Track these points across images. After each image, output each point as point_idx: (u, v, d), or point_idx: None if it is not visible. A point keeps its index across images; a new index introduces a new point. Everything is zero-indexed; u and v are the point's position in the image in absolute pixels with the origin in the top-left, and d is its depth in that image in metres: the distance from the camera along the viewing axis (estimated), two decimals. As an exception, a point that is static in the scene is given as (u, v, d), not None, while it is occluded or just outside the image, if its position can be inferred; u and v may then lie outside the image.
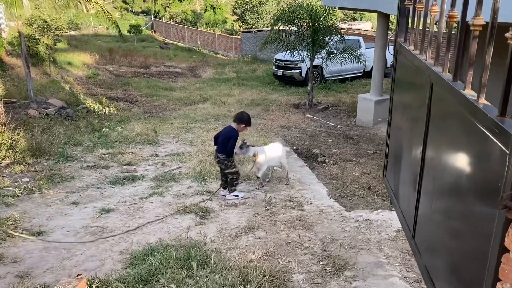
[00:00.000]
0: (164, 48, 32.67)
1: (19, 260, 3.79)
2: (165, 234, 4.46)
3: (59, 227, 4.57)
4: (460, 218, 2.01)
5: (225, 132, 5.59)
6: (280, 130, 10.48)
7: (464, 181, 1.93)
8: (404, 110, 3.44)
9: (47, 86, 13.74)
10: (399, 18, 3.68)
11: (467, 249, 1.83)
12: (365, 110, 11.15)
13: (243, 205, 5.36)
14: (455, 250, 2.04)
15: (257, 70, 23.42)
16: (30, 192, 5.59)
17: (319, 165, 8.18)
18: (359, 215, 4.92)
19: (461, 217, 1.96)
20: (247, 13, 37.69)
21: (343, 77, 17.35)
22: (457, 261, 2.02)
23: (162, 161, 7.65)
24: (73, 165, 7.12)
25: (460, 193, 2.00)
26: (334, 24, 13.25)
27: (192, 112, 12.93)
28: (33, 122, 9.03)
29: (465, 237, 1.91)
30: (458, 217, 2.04)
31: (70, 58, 20.44)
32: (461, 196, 1.97)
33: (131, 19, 47.22)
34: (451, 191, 2.15)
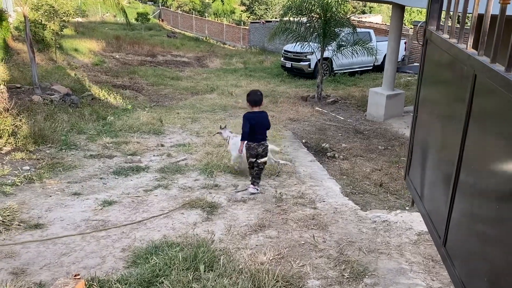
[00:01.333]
0: (172, 37, 32.34)
1: (14, 255, 3.56)
2: (170, 230, 4.21)
3: (59, 219, 4.33)
4: (510, 227, 1.74)
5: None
6: (288, 122, 10.21)
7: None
8: (435, 105, 3.15)
9: (52, 72, 13.51)
10: (431, 4, 3.37)
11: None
12: (376, 105, 10.84)
13: (252, 201, 5.10)
14: (502, 263, 1.77)
15: (265, 61, 23.08)
16: (30, 181, 5.36)
17: (329, 160, 7.91)
18: (376, 215, 4.65)
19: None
20: (256, 4, 37.22)
21: (352, 71, 17.01)
22: (504, 277, 1.75)
23: (168, 152, 7.40)
24: (76, 153, 6.89)
25: (510, 198, 1.73)
26: (346, 16, 12.91)
27: (199, 102, 12.68)
28: (36, 108, 8.80)
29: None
30: (507, 225, 1.77)
31: (77, 45, 20.19)
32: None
33: (138, 7, 46.88)
34: (500, 196, 1.87)
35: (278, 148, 6.62)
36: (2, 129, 7.10)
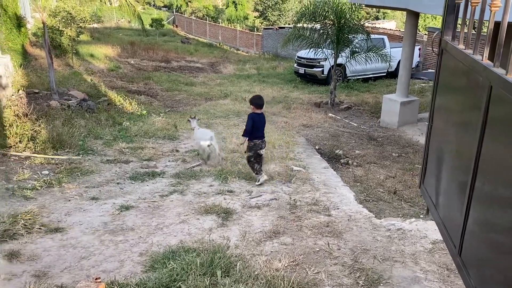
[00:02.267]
0: (185, 43, 32.63)
1: (36, 258, 3.66)
2: (186, 235, 4.28)
3: (78, 223, 4.43)
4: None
5: None
6: (301, 128, 10.24)
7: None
8: (450, 114, 3.17)
9: (69, 77, 13.74)
10: (446, 15, 3.40)
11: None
12: (390, 111, 10.82)
13: (266, 207, 5.14)
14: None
15: (278, 67, 23.15)
16: (49, 186, 5.48)
17: (342, 167, 7.92)
18: (391, 223, 4.66)
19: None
20: (269, 10, 37.38)
21: (366, 77, 16.98)
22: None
23: (183, 157, 7.50)
24: (93, 158, 7.01)
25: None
26: (360, 22, 12.92)
27: (213, 108, 12.78)
28: (54, 113, 8.98)
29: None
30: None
31: (93, 50, 20.50)
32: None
33: (153, 13, 47.40)
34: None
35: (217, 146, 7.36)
36: (21, 133, 7.26)
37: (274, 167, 6.86)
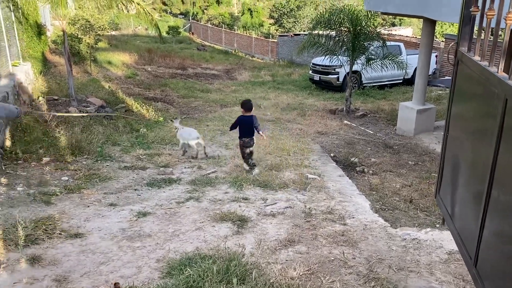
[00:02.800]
0: (201, 50, 32.94)
1: (57, 262, 3.75)
2: (202, 242, 4.34)
3: (97, 229, 4.52)
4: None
5: None
6: (316, 136, 10.25)
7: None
8: (467, 123, 3.17)
9: (87, 84, 14.00)
10: (462, 26, 3.41)
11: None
12: (406, 119, 10.77)
13: (281, 215, 5.17)
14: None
15: (293, 74, 23.20)
16: (69, 192, 5.61)
17: (358, 175, 7.91)
18: (406, 233, 4.64)
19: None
20: (284, 17, 37.53)
21: (382, 84, 16.91)
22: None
23: (198, 164, 7.58)
24: (111, 165, 7.14)
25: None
26: (376, 29, 12.91)
27: (228, 115, 12.87)
28: (73, 120, 9.16)
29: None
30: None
31: (110, 58, 20.84)
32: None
33: (169, 20, 48.00)
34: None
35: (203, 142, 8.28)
36: (42, 140, 7.43)
37: (289, 174, 6.89)
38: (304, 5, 36.95)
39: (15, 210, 4.73)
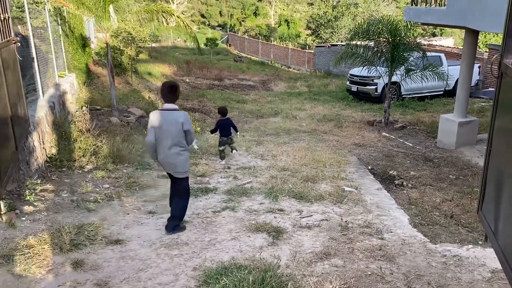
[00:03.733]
0: (238, 61, 33.37)
1: (98, 267, 3.88)
2: (238, 252, 4.37)
3: (136, 236, 4.64)
4: None
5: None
6: (353, 148, 10.13)
7: None
8: (511, 138, 3.06)
9: (128, 95, 14.45)
10: (506, 37, 3.31)
11: None
12: (447, 132, 10.47)
13: (317, 227, 5.14)
14: None
15: (329, 84, 23.08)
16: (109, 199, 5.79)
17: (396, 188, 7.75)
18: (447, 249, 4.50)
19: None
20: (322, 28, 37.48)
21: (422, 95, 16.54)
22: None
23: (234, 174, 7.64)
24: (150, 173, 7.32)
25: None
26: (415, 40, 12.68)
27: (263, 125, 12.94)
28: (114, 129, 9.47)
29: None
30: None
31: (150, 69, 21.45)
32: None
33: (208, 32, 48.95)
34: None
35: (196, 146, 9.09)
36: (84, 148, 7.72)
37: (325, 186, 6.84)
38: (341, 16, 36.79)
39: (60, 216, 4.93)
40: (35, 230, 4.37)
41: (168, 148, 4.71)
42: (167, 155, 4.75)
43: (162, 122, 4.66)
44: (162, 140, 4.70)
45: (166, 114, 4.70)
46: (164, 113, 4.71)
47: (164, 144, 4.71)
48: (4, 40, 5.25)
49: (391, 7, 42.69)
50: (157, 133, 4.70)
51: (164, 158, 4.79)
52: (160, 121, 4.67)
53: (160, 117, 4.68)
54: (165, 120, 4.67)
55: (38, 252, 3.93)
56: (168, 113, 4.71)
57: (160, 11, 11.96)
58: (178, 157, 4.77)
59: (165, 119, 4.67)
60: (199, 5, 63.26)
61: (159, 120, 4.67)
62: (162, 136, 4.69)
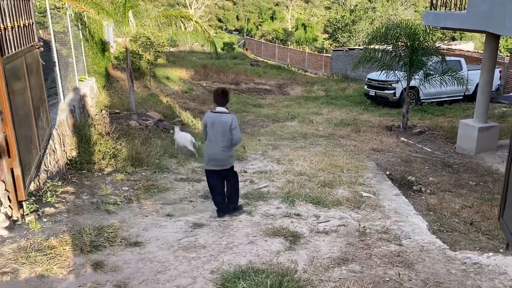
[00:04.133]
0: (254, 66, 33.49)
1: (117, 269, 3.93)
2: (255, 256, 4.38)
3: (154, 238, 4.70)
4: None
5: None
6: (371, 153, 10.06)
7: None
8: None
9: (147, 99, 14.62)
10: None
11: None
12: (467, 137, 10.33)
13: (334, 233, 5.12)
14: None
15: (347, 89, 22.97)
16: (128, 201, 5.87)
17: (415, 194, 7.68)
18: (467, 256, 4.44)
19: None
20: (339, 32, 37.36)
21: (441, 100, 16.34)
22: None
23: (251, 178, 7.66)
24: (168, 176, 7.40)
25: None
26: (434, 45, 12.55)
27: (280, 130, 12.94)
28: (133, 133, 9.59)
29: None
30: None
31: (168, 73, 21.67)
32: None
33: (225, 37, 49.24)
34: None
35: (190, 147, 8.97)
36: (104, 151, 7.84)
37: (343, 192, 6.81)
38: (359, 20, 36.63)
39: (80, 217, 5.01)
40: (56, 231, 4.45)
41: (217, 146, 5.36)
42: (216, 151, 5.39)
43: (214, 123, 5.36)
44: (213, 139, 5.38)
45: (217, 116, 5.39)
46: (216, 115, 5.40)
47: (215, 142, 5.38)
48: (28, 45, 5.39)
49: (409, 11, 42.34)
50: (209, 132, 5.40)
51: (213, 154, 5.42)
52: (212, 122, 5.37)
53: (212, 119, 5.39)
54: (217, 121, 5.34)
55: (60, 253, 4.01)
56: (219, 115, 5.39)
57: (179, 16, 12.10)
58: (225, 153, 5.41)
59: (216, 121, 5.35)
60: (216, 10, 63.74)
61: (211, 121, 5.38)
62: (213, 135, 5.37)
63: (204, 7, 57.44)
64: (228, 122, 5.31)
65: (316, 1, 62.80)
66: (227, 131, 5.32)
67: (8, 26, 4.46)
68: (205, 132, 5.48)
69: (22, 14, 5.18)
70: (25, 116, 4.85)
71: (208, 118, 5.45)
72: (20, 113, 4.61)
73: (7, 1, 4.53)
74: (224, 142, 5.35)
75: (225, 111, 5.46)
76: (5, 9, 4.43)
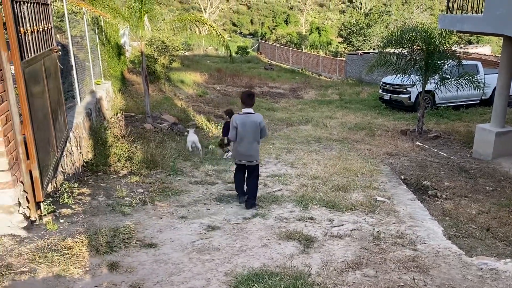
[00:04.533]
0: (268, 69, 33.56)
1: (132, 270, 3.97)
2: (269, 259, 4.38)
3: (169, 240, 4.73)
4: None
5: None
6: (386, 157, 9.99)
7: None
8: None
9: (161, 102, 14.76)
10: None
11: None
12: (484, 142, 10.18)
13: (348, 237, 5.09)
14: None
15: (361, 92, 22.86)
16: (143, 203, 5.92)
17: (430, 199, 7.60)
18: (483, 262, 4.37)
19: None
20: (353, 35, 37.22)
21: (457, 104, 16.15)
22: None
23: (264, 182, 7.67)
24: (182, 179, 7.45)
25: None
26: (450, 48, 12.42)
27: (293, 133, 12.94)
28: (148, 135, 9.69)
29: None
30: None
31: (183, 77, 21.83)
32: None
33: (239, 41, 49.43)
34: None
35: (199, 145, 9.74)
36: (120, 154, 7.93)
37: (357, 196, 6.77)
38: (374, 24, 36.45)
39: (96, 219, 5.08)
40: (73, 232, 4.51)
41: (249, 143, 6.03)
42: (248, 148, 6.06)
43: (246, 123, 5.96)
44: (245, 137, 6.00)
45: (247, 116, 6.02)
46: (245, 116, 6.02)
47: (246, 140, 6.02)
48: (47, 49, 5.49)
49: (425, 14, 42.02)
50: (240, 132, 5.98)
51: (245, 151, 6.08)
52: (243, 122, 5.97)
53: (242, 119, 5.99)
54: (248, 121, 5.97)
55: (76, 253, 4.07)
56: (249, 115, 6.03)
57: (194, 20, 12.22)
58: (255, 150, 6.11)
59: (248, 121, 5.97)
60: (231, 14, 64.09)
61: (243, 122, 5.98)
62: (244, 134, 5.99)
63: (219, 11, 57.81)
64: (258, 121, 6.00)
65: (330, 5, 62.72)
66: (257, 129, 5.99)
67: (28, 31, 4.56)
68: (235, 132, 5.99)
69: (42, 19, 5.29)
70: (44, 118, 4.94)
71: (238, 119, 5.98)
72: (39, 116, 4.70)
73: (27, 6, 4.63)
74: (255, 138, 6.03)
75: (252, 112, 6.06)
76: (25, 13, 4.53)
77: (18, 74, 4.11)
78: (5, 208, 4.20)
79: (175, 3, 62.09)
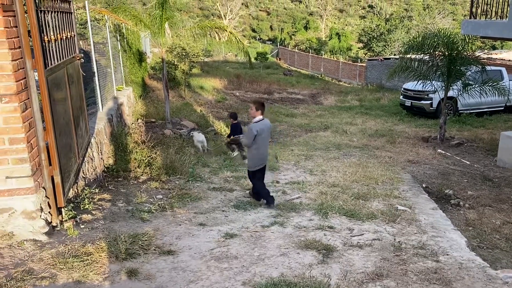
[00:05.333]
0: (288, 75, 33.53)
1: (151, 277, 3.97)
2: (287, 269, 4.33)
3: (187, 247, 4.73)
4: None
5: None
6: (407, 165, 9.83)
7: None
8: None
9: (181, 108, 14.87)
10: None
11: None
12: (509, 150, 9.93)
13: (368, 247, 5.00)
14: None
15: (382, 98, 22.61)
16: (162, 209, 5.94)
17: (453, 208, 7.44)
18: (509, 276, 4.23)
19: None
20: (374, 41, 36.92)
21: (480, 111, 15.82)
22: None
23: (283, 189, 7.63)
24: (201, 185, 7.46)
25: None
26: (474, 54, 12.19)
27: (313, 140, 12.87)
28: (168, 141, 9.76)
29: None
30: None
31: (202, 83, 21.98)
32: None
33: (258, 46, 49.58)
34: None
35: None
36: (140, 159, 8.00)
37: (377, 204, 6.67)
38: (395, 29, 36.10)
39: (116, 225, 5.12)
40: (93, 238, 4.55)
41: (266, 147, 6.73)
42: (267, 150, 6.79)
43: (264, 130, 6.50)
44: (265, 141, 6.62)
45: (263, 123, 6.54)
46: (261, 122, 6.53)
47: (266, 144, 6.69)
48: (70, 57, 5.59)
49: (447, 19, 41.41)
50: (262, 137, 6.47)
51: (265, 153, 6.73)
52: (262, 129, 6.47)
53: (261, 127, 6.46)
54: (266, 128, 6.55)
55: (96, 260, 4.10)
56: (264, 122, 6.57)
57: (214, 27, 12.31)
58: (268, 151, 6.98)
59: (266, 127, 6.55)
60: (250, 20, 64.38)
61: (261, 128, 6.46)
62: (264, 138, 6.57)
63: (238, 18, 58.13)
64: (271, 125, 6.74)
65: (350, 10, 62.44)
66: (270, 133, 6.76)
67: (52, 39, 4.65)
68: (254, 139, 6.42)
69: (65, 27, 5.39)
70: (66, 125, 5.02)
71: (258, 127, 6.43)
72: (61, 122, 4.77)
73: (52, 15, 4.72)
74: (268, 142, 6.78)
75: (263, 118, 6.60)
76: (49, 22, 4.62)
77: (42, 81, 4.18)
78: (28, 213, 4.27)
79: (195, 9, 62.75)
